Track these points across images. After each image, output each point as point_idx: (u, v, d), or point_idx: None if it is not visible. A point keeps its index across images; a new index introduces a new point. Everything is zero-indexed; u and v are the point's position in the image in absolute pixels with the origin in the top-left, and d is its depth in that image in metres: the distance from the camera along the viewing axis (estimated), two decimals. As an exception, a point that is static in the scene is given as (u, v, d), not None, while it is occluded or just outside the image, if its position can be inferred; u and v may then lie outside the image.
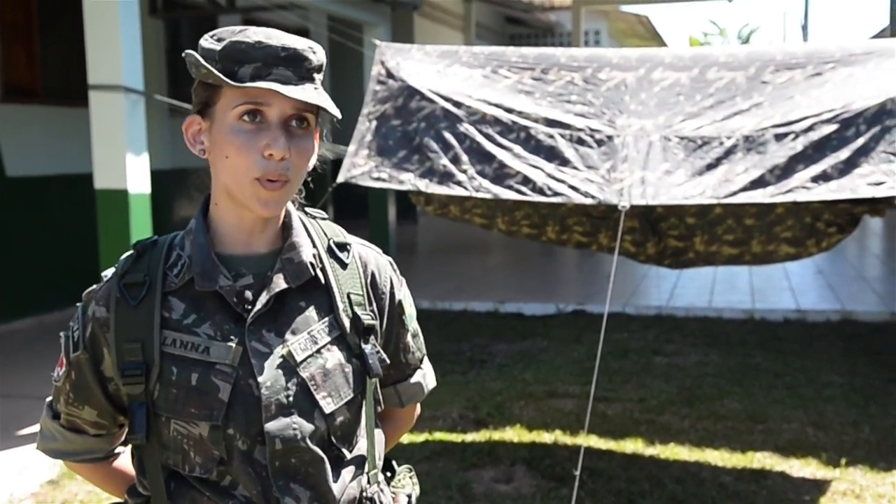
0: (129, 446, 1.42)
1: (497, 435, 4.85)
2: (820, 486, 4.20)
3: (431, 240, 13.61)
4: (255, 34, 1.32)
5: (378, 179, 4.08)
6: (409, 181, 4.02)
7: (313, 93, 1.32)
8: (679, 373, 6.02)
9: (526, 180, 3.85)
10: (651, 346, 6.76)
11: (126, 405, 1.37)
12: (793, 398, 5.44)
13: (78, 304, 1.42)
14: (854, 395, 5.49)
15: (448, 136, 4.04)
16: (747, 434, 4.86)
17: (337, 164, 4.62)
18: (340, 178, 4.14)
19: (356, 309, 1.42)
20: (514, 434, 4.86)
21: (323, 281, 1.42)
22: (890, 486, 4.17)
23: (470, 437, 4.82)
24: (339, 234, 1.48)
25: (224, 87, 1.31)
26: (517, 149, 3.95)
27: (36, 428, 5.41)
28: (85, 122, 5.83)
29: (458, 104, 4.11)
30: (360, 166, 4.11)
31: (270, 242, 1.41)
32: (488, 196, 3.91)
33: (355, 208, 10.19)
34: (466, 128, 4.04)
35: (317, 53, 1.34)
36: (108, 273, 1.41)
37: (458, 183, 3.94)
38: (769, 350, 6.62)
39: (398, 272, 1.54)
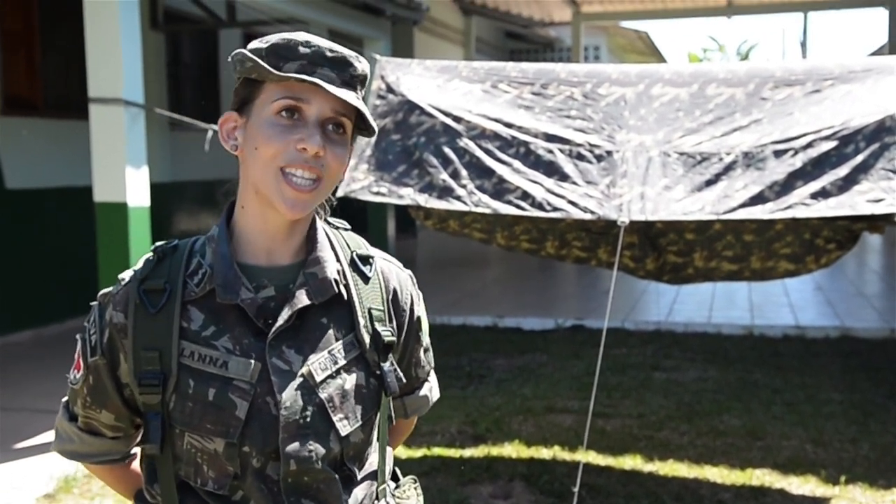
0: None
1: (495, 450, 4.84)
2: (819, 504, 4.19)
3: (430, 254, 13.60)
4: (302, 35, 1.33)
5: (378, 194, 4.08)
6: (409, 196, 4.02)
7: (356, 99, 1.33)
8: (678, 388, 6.01)
9: (525, 195, 3.85)
10: (650, 362, 6.75)
11: (142, 412, 1.35)
12: (792, 415, 5.43)
13: (92, 303, 1.40)
14: (853, 411, 5.48)
15: (448, 150, 4.04)
16: (746, 450, 4.84)
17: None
18: (340, 193, 4.13)
19: (377, 325, 1.41)
20: (512, 449, 4.84)
21: (346, 297, 1.40)
22: (890, 503, 4.16)
23: (468, 452, 4.81)
24: (362, 246, 1.47)
25: (266, 82, 1.32)
26: (517, 164, 3.96)
27: (33, 441, 5.40)
28: (85, 134, 5.84)
29: (457, 119, 4.11)
30: (360, 180, 4.11)
31: (294, 254, 1.39)
32: (487, 211, 3.91)
33: (355, 222, 10.15)
34: (466, 143, 4.05)
35: (361, 63, 1.35)
36: (126, 276, 1.38)
37: (458, 198, 3.94)
38: (768, 366, 6.61)
39: (417, 287, 1.53)
